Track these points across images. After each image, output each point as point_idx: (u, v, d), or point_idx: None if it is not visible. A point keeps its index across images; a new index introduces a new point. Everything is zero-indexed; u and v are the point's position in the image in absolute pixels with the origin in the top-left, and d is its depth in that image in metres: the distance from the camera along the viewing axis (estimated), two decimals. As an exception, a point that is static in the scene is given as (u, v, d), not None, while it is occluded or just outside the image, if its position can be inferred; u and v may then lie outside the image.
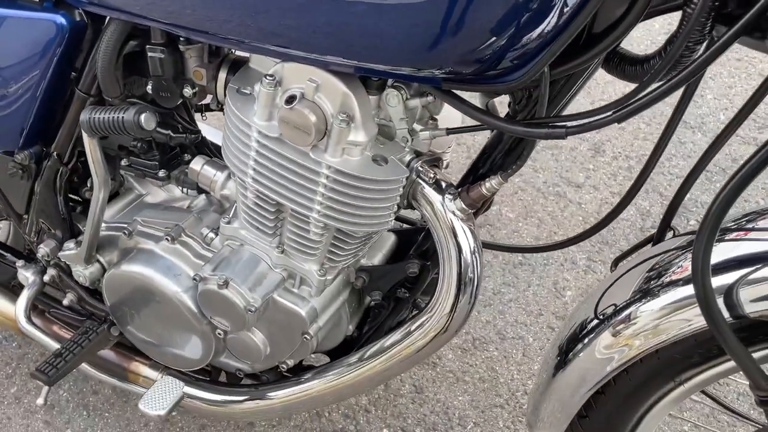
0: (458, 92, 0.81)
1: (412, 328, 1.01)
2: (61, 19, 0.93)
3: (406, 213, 1.26)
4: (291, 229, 0.97)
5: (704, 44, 0.70)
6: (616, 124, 0.72)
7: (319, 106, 0.83)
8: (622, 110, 0.71)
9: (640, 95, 0.71)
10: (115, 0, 0.88)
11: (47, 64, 0.96)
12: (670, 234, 0.97)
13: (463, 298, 0.96)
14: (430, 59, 0.72)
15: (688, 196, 0.97)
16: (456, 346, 1.68)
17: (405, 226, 1.21)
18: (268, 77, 0.84)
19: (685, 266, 0.88)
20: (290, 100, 0.83)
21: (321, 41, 0.76)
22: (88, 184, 1.15)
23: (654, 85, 0.72)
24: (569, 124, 0.75)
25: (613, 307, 0.95)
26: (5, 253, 1.31)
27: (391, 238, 1.16)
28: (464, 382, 1.61)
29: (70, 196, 1.18)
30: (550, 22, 0.68)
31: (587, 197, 2.06)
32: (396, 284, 1.10)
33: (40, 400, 1.17)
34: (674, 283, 0.88)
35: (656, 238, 0.96)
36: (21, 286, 1.26)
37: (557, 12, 0.68)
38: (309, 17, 0.74)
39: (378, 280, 1.09)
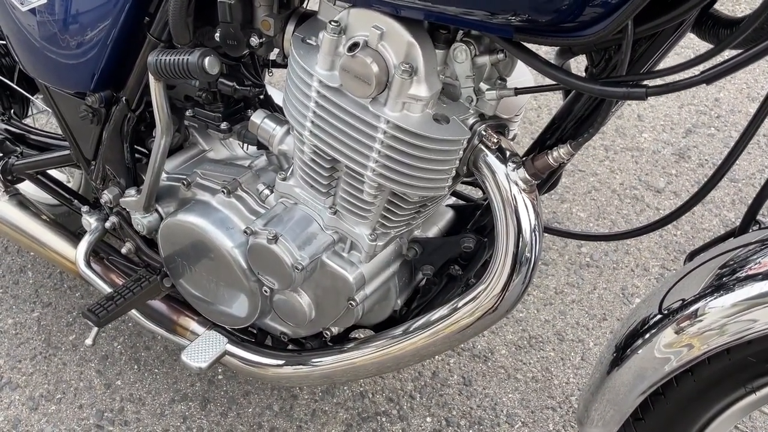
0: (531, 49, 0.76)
1: (460, 304, 0.96)
2: (139, -39, 0.94)
3: (465, 191, 1.22)
4: (345, 189, 0.94)
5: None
6: (704, 85, 0.65)
7: (382, 55, 0.80)
8: (711, 70, 0.64)
9: (733, 55, 0.64)
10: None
11: (121, 7, 0.98)
12: (755, 228, 0.88)
13: (517, 278, 0.90)
14: (505, 3, 0.68)
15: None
16: (510, 342, 1.61)
17: (463, 203, 1.16)
18: (332, 23, 0.82)
19: (765, 261, 0.80)
20: (353, 47, 0.80)
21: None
22: (154, 135, 1.16)
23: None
24: (650, 83, 0.68)
25: (681, 301, 0.87)
26: (73, 199, 1.35)
27: (449, 214, 1.12)
28: (516, 380, 1.54)
29: (137, 147, 1.19)
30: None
31: (667, 203, 1.94)
32: (449, 260, 1.05)
33: (88, 341, 1.19)
34: (752, 278, 0.79)
35: (739, 230, 0.88)
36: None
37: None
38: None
39: (431, 253, 1.05)
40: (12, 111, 1.53)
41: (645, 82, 0.69)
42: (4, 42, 1.43)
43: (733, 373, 0.83)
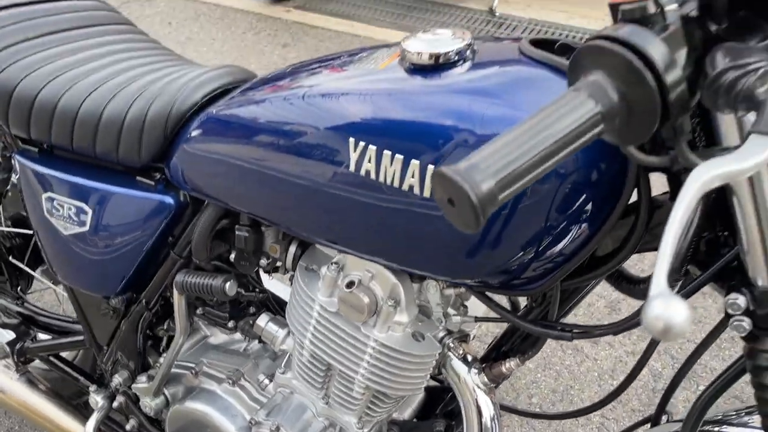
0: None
1: (434, 483, 1.14)
2: (170, 200, 1.16)
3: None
4: (337, 386, 1.13)
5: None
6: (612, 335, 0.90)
7: (373, 291, 1.02)
8: (618, 326, 0.89)
9: (635, 315, 0.89)
10: (214, 191, 1.11)
11: (153, 232, 1.19)
12: (665, 418, 1.11)
13: (482, 459, 1.10)
14: (462, 273, 0.92)
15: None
16: (472, 493, 1.76)
17: (435, 383, 1.36)
18: (333, 264, 1.05)
19: (678, 451, 1.02)
20: (350, 284, 1.03)
21: (373, 247, 0.96)
22: (165, 325, 1.34)
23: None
24: (575, 330, 0.93)
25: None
26: (80, 377, 1.48)
27: (421, 394, 1.32)
28: None
29: (147, 331, 1.37)
30: (564, 250, 0.88)
31: (603, 354, 2.19)
32: (423, 439, 1.24)
33: None
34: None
35: (653, 421, 1.10)
36: (84, 405, 1.43)
37: (569, 242, 0.87)
38: (363, 230, 0.94)
39: (407, 434, 1.24)
40: (18, 288, 1.68)
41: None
42: (20, 230, 1.61)
43: None
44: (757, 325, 0.76)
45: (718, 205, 0.79)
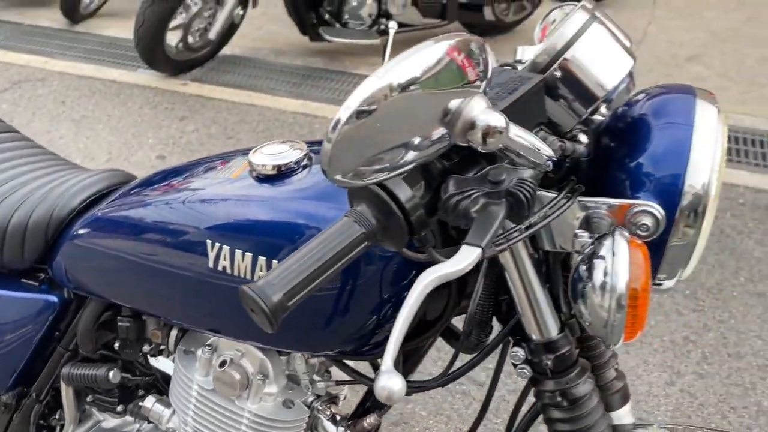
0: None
1: None
2: (54, 298, 1.26)
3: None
4: (221, 458, 1.25)
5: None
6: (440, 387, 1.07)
7: (244, 368, 1.16)
8: (443, 378, 1.06)
9: (456, 367, 1.07)
10: (96, 287, 1.22)
11: (39, 329, 1.28)
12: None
13: None
14: (319, 346, 1.07)
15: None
16: None
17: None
18: (207, 346, 1.17)
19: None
20: (222, 363, 1.16)
21: (240, 331, 1.10)
22: (57, 415, 1.41)
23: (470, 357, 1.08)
24: (413, 386, 1.10)
25: None
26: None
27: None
28: None
29: (40, 421, 1.43)
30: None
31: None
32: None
33: None
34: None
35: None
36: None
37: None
38: (229, 316, 1.08)
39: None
40: None
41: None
42: None
43: None
44: (536, 371, 0.96)
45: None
